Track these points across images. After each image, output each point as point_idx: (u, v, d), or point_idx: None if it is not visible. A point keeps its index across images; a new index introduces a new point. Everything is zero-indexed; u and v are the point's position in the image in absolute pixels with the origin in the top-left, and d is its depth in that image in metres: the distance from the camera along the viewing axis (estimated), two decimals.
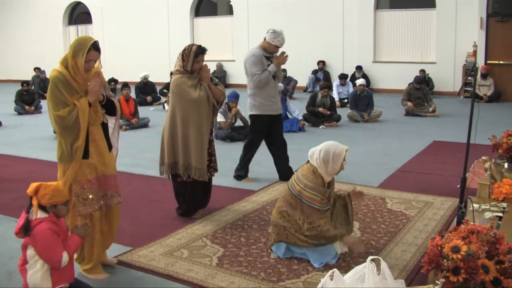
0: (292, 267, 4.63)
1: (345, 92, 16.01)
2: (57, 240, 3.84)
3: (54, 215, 3.93)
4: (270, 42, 7.07)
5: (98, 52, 4.35)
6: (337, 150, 4.75)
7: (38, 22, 26.72)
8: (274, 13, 20.39)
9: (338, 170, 4.80)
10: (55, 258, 3.80)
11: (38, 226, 3.83)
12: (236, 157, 8.99)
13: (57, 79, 4.29)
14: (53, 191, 3.87)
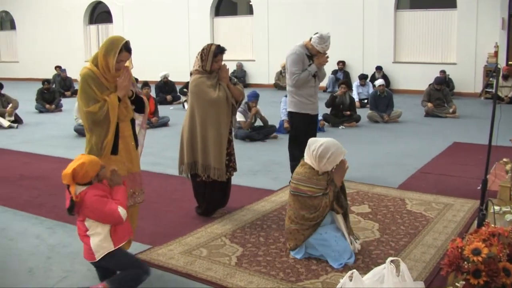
0: (311, 267, 4.63)
1: (365, 93, 15.96)
2: (106, 201, 3.96)
3: (98, 181, 4.04)
4: (314, 45, 6.92)
5: (129, 53, 4.42)
6: (337, 152, 4.72)
7: (59, 21, 26.93)
8: (294, 13, 20.38)
9: (329, 170, 4.79)
10: (114, 216, 3.94)
11: (85, 198, 3.93)
12: (255, 156, 9.04)
13: (87, 76, 4.35)
14: (88, 166, 3.94)
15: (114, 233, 4.04)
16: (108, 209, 3.94)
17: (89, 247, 4.01)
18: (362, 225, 5.65)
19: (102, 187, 4.06)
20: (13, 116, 13.73)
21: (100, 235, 3.99)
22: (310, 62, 6.99)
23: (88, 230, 4.02)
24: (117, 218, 3.96)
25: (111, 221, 3.99)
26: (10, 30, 30.67)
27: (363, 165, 8.16)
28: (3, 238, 5.60)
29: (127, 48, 4.40)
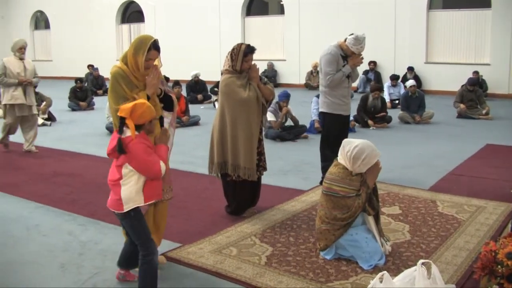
0: (341, 268, 4.61)
1: (396, 93, 15.84)
2: (150, 151, 3.95)
3: (145, 132, 4.01)
4: (349, 46, 6.87)
5: (158, 51, 4.47)
6: (371, 154, 4.71)
7: (92, 21, 27.23)
8: (325, 12, 20.32)
9: (363, 171, 4.76)
10: (155, 168, 3.91)
11: (132, 143, 3.90)
12: (286, 156, 9.04)
13: (117, 74, 4.39)
14: (147, 108, 3.94)
15: (146, 188, 3.98)
16: (151, 159, 3.91)
17: (118, 197, 3.96)
18: (392, 226, 5.62)
19: (149, 140, 4.03)
20: (47, 114, 13.92)
21: (133, 186, 3.94)
22: (345, 62, 6.95)
23: (122, 178, 3.96)
24: (158, 171, 3.92)
25: (151, 173, 3.93)
26: (45, 30, 31.12)
27: (394, 166, 8.10)
28: (37, 234, 5.68)
29: (155, 46, 4.44)
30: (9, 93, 9.58)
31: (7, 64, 9.59)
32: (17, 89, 9.58)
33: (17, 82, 9.52)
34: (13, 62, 9.63)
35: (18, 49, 9.65)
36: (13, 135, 11.42)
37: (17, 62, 9.66)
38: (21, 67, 9.67)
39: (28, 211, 6.48)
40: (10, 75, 9.52)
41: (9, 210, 6.53)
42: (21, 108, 9.73)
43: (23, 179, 8.03)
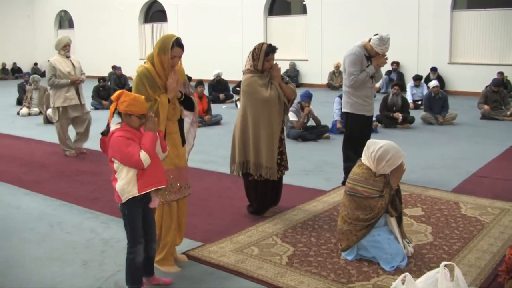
0: (362, 269, 4.60)
1: (419, 94, 15.72)
2: (129, 143, 3.91)
3: (127, 125, 4.01)
4: (374, 47, 6.85)
5: (181, 48, 4.53)
6: (396, 155, 4.68)
7: (115, 20, 27.42)
8: (348, 12, 20.26)
9: (387, 172, 4.74)
10: (133, 159, 3.88)
11: (112, 137, 3.96)
12: (308, 156, 9.03)
13: (143, 75, 4.46)
14: (132, 100, 3.95)
15: (140, 178, 3.99)
16: (128, 150, 3.89)
17: (116, 190, 4.04)
18: (414, 228, 5.58)
19: (132, 131, 4.01)
20: None
21: (124, 178, 3.98)
22: (369, 63, 6.92)
23: (116, 171, 4.03)
24: (136, 161, 3.89)
25: (131, 163, 3.92)
26: (69, 29, 31.42)
27: (416, 167, 8.05)
28: (60, 231, 5.74)
29: (178, 43, 4.50)
30: (62, 95, 9.21)
31: (55, 64, 9.21)
32: (69, 89, 9.25)
33: (70, 82, 9.19)
34: (61, 62, 9.26)
35: (62, 47, 9.29)
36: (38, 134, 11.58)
37: (65, 61, 9.31)
38: (70, 66, 9.36)
39: (51, 209, 6.55)
40: (61, 75, 9.16)
41: (34, 207, 6.61)
42: (75, 108, 9.47)
43: (46, 176, 8.12)
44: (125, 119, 4.00)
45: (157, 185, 4.11)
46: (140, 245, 4.14)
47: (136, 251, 4.11)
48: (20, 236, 5.63)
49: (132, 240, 4.12)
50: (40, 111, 15.15)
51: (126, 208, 4.05)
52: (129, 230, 4.13)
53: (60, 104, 9.24)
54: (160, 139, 4.19)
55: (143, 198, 4.08)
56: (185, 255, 4.93)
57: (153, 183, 4.07)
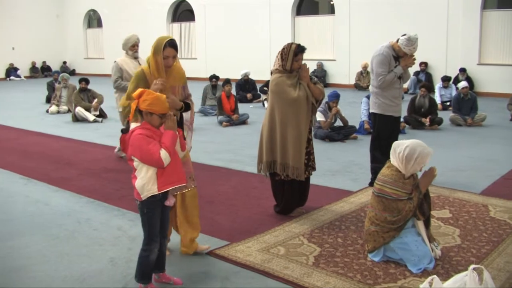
0: (389, 271, 4.57)
1: (447, 95, 15.57)
2: (149, 141, 3.95)
3: (148, 123, 4.04)
4: (402, 47, 6.80)
5: (174, 49, 4.67)
6: (423, 152, 4.65)
7: (143, 20, 27.57)
8: (376, 12, 20.13)
9: (417, 170, 4.72)
10: (154, 157, 3.92)
11: (132, 135, 4.01)
12: (335, 156, 9.00)
13: (137, 75, 4.78)
14: (153, 99, 3.98)
15: (160, 176, 4.04)
16: (148, 148, 3.92)
17: (136, 188, 4.08)
18: (442, 230, 5.53)
19: (152, 129, 4.05)
20: (98, 110, 14.17)
21: (144, 176, 4.02)
22: (396, 63, 6.87)
23: (136, 169, 4.07)
24: (156, 159, 3.93)
25: (151, 162, 3.96)
26: (97, 28, 31.74)
27: (444, 169, 7.97)
28: (88, 228, 5.80)
29: (171, 44, 4.64)
30: None
31: (122, 65, 8.54)
32: None
33: None
34: (128, 63, 8.57)
35: (130, 46, 8.68)
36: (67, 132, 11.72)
37: (132, 61, 8.61)
38: (138, 67, 8.25)
39: (79, 205, 6.62)
40: (127, 77, 8.37)
41: (62, 204, 6.69)
42: None
43: (75, 174, 8.20)
44: (145, 117, 4.04)
45: (177, 184, 4.15)
46: (156, 243, 4.21)
47: (151, 249, 4.18)
48: (48, 232, 5.70)
49: (149, 238, 4.18)
50: (69, 109, 15.30)
51: (145, 206, 4.11)
52: (146, 228, 4.18)
53: None
54: (180, 138, 4.24)
55: (162, 196, 4.13)
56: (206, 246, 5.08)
57: (172, 182, 4.11)
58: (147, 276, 4.25)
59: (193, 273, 4.61)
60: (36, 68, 31.08)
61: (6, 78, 29.57)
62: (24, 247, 5.29)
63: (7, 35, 29.40)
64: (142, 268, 4.21)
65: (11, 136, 11.83)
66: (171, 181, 4.09)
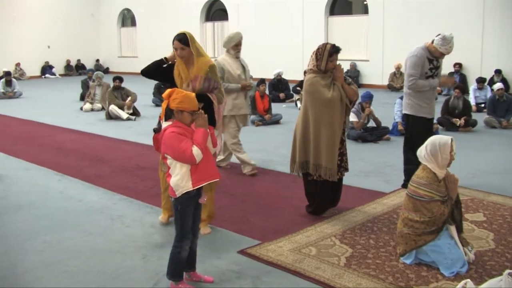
0: (421, 274, 4.53)
1: (482, 97, 15.37)
2: (181, 138, 4.04)
3: (179, 121, 4.13)
4: (437, 47, 6.69)
5: (178, 41, 5.44)
6: (442, 141, 4.69)
7: (176, 19, 27.72)
8: (410, 13, 19.94)
9: (448, 160, 4.69)
10: (186, 154, 4.00)
11: (165, 133, 4.10)
12: (367, 157, 8.95)
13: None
14: (183, 97, 4.08)
15: (193, 173, 4.11)
16: (180, 146, 4.01)
17: (171, 186, 4.15)
18: (476, 233, 5.46)
19: (184, 127, 4.13)
20: (132, 109, 14.29)
21: (179, 174, 4.10)
22: (430, 65, 6.79)
23: (170, 167, 4.15)
24: (189, 156, 4.00)
25: (183, 159, 4.05)
26: (131, 27, 32.01)
27: (478, 172, 7.89)
28: (121, 225, 5.85)
29: (176, 38, 5.50)
30: (229, 102, 7.71)
31: (224, 65, 7.79)
32: (238, 96, 7.84)
33: (240, 87, 7.79)
34: (230, 63, 7.84)
35: (233, 46, 7.87)
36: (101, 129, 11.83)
37: (234, 61, 7.88)
38: (240, 68, 7.93)
39: (112, 202, 6.68)
40: (230, 78, 7.77)
41: (95, 200, 6.76)
42: (243, 119, 8.07)
43: (108, 171, 8.28)
44: (177, 115, 4.12)
45: (210, 179, 4.21)
46: (188, 240, 4.27)
47: (183, 245, 4.24)
48: (81, 228, 5.77)
49: (181, 235, 4.24)
50: (103, 107, 15.46)
51: (179, 202, 4.16)
52: (179, 225, 4.23)
53: (227, 112, 7.74)
54: (211, 135, 4.31)
55: (196, 193, 4.18)
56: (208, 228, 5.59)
57: (206, 177, 4.18)
58: (179, 273, 4.29)
59: (224, 271, 4.63)
60: (71, 66, 31.46)
61: (42, 76, 30.01)
62: (58, 242, 5.37)
63: (43, 34, 29.82)
64: (173, 265, 4.26)
65: (46, 133, 11.99)
66: (204, 177, 4.16)
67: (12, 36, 28.33)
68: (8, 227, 5.86)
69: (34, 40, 29.39)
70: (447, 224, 4.71)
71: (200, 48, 5.51)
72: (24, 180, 7.82)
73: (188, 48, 5.37)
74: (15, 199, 6.87)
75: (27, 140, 11.18)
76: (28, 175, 8.13)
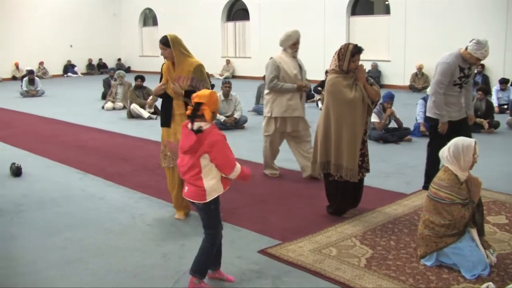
0: (442, 276, 4.50)
1: (505, 98, 15.22)
2: (229, 147, 4.16)
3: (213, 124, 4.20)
4: (472, 53, 6.54)
5: (161, 43, 5.92)
6: (465, 143, 4.64)
7: (198, 18, 27.83)
8: (432, 13, 19.78)
9: (471, 162, 4.64)
10: (233, 164, 4.12)
11: (212, 134, 4.09)
12: (389, 158, 8.90)
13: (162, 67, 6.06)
14: (218, 99, 4.21)
15: (223, 177, 4.22)
16: (231, 155, 4.13)
17: (201, 189, 4.12)
18: (498, 236, 5.41)
19: None
20: (153, 108, 14.35)
21: (215, 177, 4.15)
22: (461, 74, 6.63)
23: (202, 170, 4.12)
24: (233, 164, 4.13)
25: (229, 169, 4.12)
26: (152, 26, 32.14)
27: (501, 174, 7.81)
28: (141, 223, 5.89)
29: (160, 40, 5.96)
30: (283, 103, 7.41)
31: (280, 63, 7.46)
32: (293, 97, 7.44)
33: (296, 87, 7.43)
34: (287, 62, 7.50)
35: (291, 44, 7.52)
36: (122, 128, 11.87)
37: (291, 61, 7.54)
38: (297, 67, 7.60)
39: (133, 201, 6.72)
40: (285, 77, 7.42)
41: (116, 199, 6.81)
42: (295, 122, 7.58)
43: (129, 169, 8.33)
44: (213, 117, 4.15)
45: (229, 184, 4.31)
46: (220, 237, 4.36)
47: (216, 242, 4.31)
48: (102, 226, 5.82)
49: (217, 232, 4.30)
50: (124, 105, 15.55)
51: (213, 203, 4.19)
52: (214, 224, 4.28)
53: (280, 113, 7.45)
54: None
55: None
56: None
57: (228, 182, 4.27)
58: (206, 271, 4.33)
59: (245, 271, 4.64)
60: (93, 65, 31.69)
61: (64, 74, 30.29)
62: (79, 240, 5.42)
63: (65, 33, 30.06)
64: (205, 261, 4.28)
65: (68, 131, 12.10)
66: (227, 181, 4.26)
67: (35, 36, 28.58)
68: (30, 224, 5.93)
69: (57, 39, 29.65)
70: (468, 227, 4.68)
71: (184, 50, 5.98)
72: (47, 178, 7.89)
73: (169, 49, 5.83)
74: (37, 197, 6.95)
75: (49, 138, 11.29)
76: (51, 173, 8.20)
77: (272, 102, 7.51)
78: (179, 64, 5.86)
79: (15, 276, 4.62)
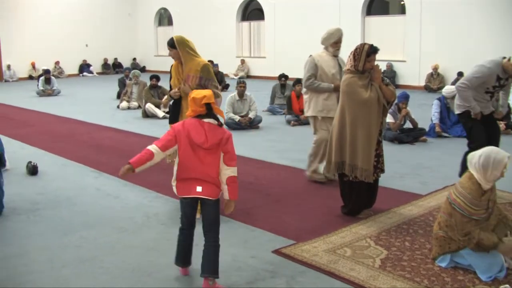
0: (457, 278, 4.47)
1: None
2: None
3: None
4: None
5: (168, 45, 6.20)
6: (498, 156, 4.51)
7: (213, 18, 27.85)
8: (448, 12, 19.65)
9: (498, 177, 4.55)
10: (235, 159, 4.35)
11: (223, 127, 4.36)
12: (404, 159, 8.86)
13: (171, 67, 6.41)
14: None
15: None
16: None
17: (218, 184, 4.29)
18: None
19: None
20: (168, 107, 14.36)
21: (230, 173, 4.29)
22: (496, 83, 6.57)
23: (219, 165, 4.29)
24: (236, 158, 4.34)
25: (235, 159, 4.31)
26: (168, 26, 32.21)
27: None
28: (156, 222, 5.91)
29: (167, 43, 6.20)
30: (319, 102, 7.23)
31: (318, 61, 7.28)
32: (330, 96, 7.17)
33: (332, 87, 7.12)
34: (327, 60, 7.27)
35: (333, 43, 7.25)
36: (137, 127, 11.90)
37: (332, 60, 7.28)
38: (336, 67, 7.29)
39: (148, 200, 6.74)
40: (323, 76, 7.20)
41: (131, 198, 6.83)
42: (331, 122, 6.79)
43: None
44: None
45: None
46: None
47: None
48: (117, 225, 5.84)
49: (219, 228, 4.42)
50: (139, 105, 15.59)
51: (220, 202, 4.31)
52: (219, 222, 4.39)
53: (316, 112, 7.32)
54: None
55: None
56: None
57: None
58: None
59: (259, 271, 4.64)
60: (108, 64, 31.82)
61: (79, 74, 30.42)
62: (94, 239, 5.44)
63: (81, 33, 30.19)
64: (217, 261, 4.32)
65: (84, 131, 12.15)
66: None
67: (51, 35, 28.73)
68: (46, 223, 5.96)
69: (72, 39, 29.79)
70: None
71: (191, 50, 6.14)
72: (62, 177, 7.94)
73: (174, 49, 6.10)
74: (53, 195, 6.99)
75: (65, 137, 11.34)
76: (66, 172, 8.25)
77: (310, 101, 7.38)
78: (187, 64, 6.09)
79: (31, 274, 4.65)
